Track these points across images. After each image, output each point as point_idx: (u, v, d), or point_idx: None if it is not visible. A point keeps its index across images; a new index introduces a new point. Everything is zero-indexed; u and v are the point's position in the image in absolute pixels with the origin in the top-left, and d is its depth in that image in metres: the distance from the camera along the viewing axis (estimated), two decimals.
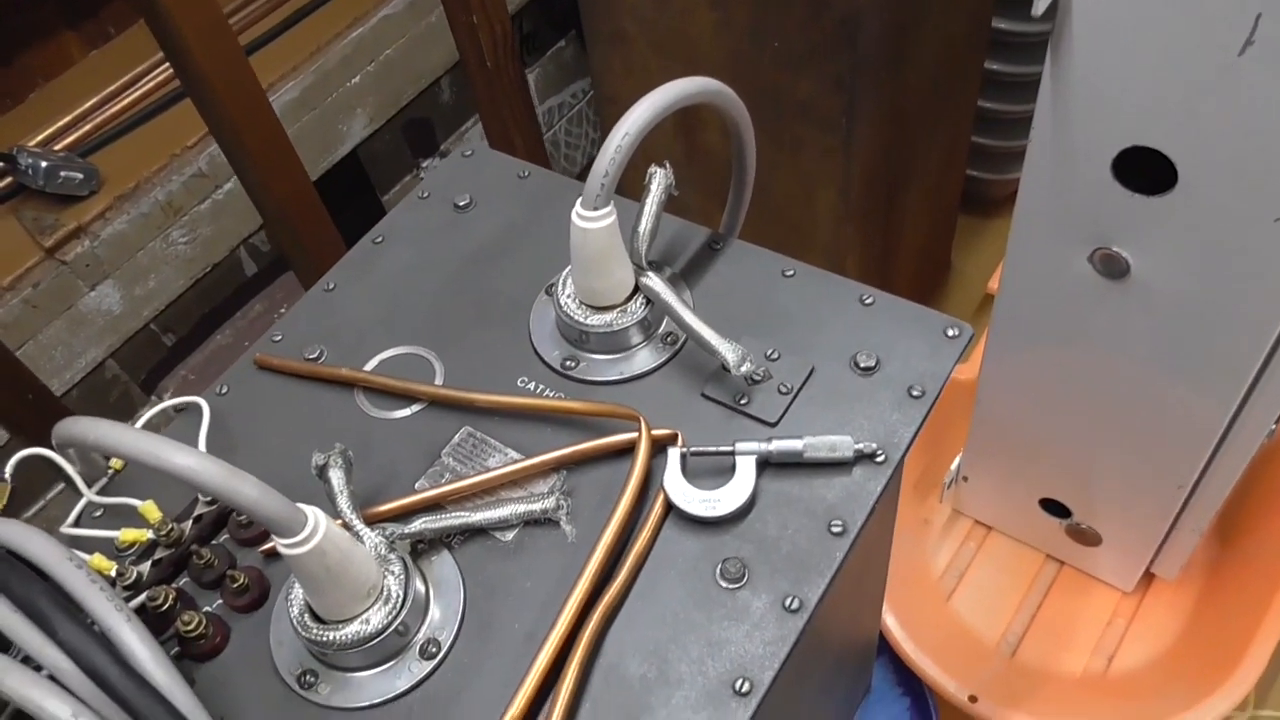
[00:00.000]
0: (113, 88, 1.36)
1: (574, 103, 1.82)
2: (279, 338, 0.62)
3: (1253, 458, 0.80)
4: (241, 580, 0.50)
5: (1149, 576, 1.00)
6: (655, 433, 0.53)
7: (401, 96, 1.52)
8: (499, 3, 1.11)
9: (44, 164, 1.19)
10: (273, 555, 0.52)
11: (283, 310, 1.44)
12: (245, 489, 0.41)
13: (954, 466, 1.05)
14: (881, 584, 0.84)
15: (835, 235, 1.09)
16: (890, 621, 0.95)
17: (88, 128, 1.32)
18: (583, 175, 0.61)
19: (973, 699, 0.87)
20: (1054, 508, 0.97)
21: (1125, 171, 0.66)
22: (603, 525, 0.50)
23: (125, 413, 1.36)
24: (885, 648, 0.96)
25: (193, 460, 0.40)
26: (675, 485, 0.51)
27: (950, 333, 0.57)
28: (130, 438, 0.41)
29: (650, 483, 0.52)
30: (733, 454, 0.52)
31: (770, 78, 1.01)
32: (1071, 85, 0.63)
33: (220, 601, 0.51)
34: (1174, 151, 0.62)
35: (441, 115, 1.65)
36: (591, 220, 0.53)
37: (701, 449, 0.52)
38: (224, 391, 0.60)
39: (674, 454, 0.52)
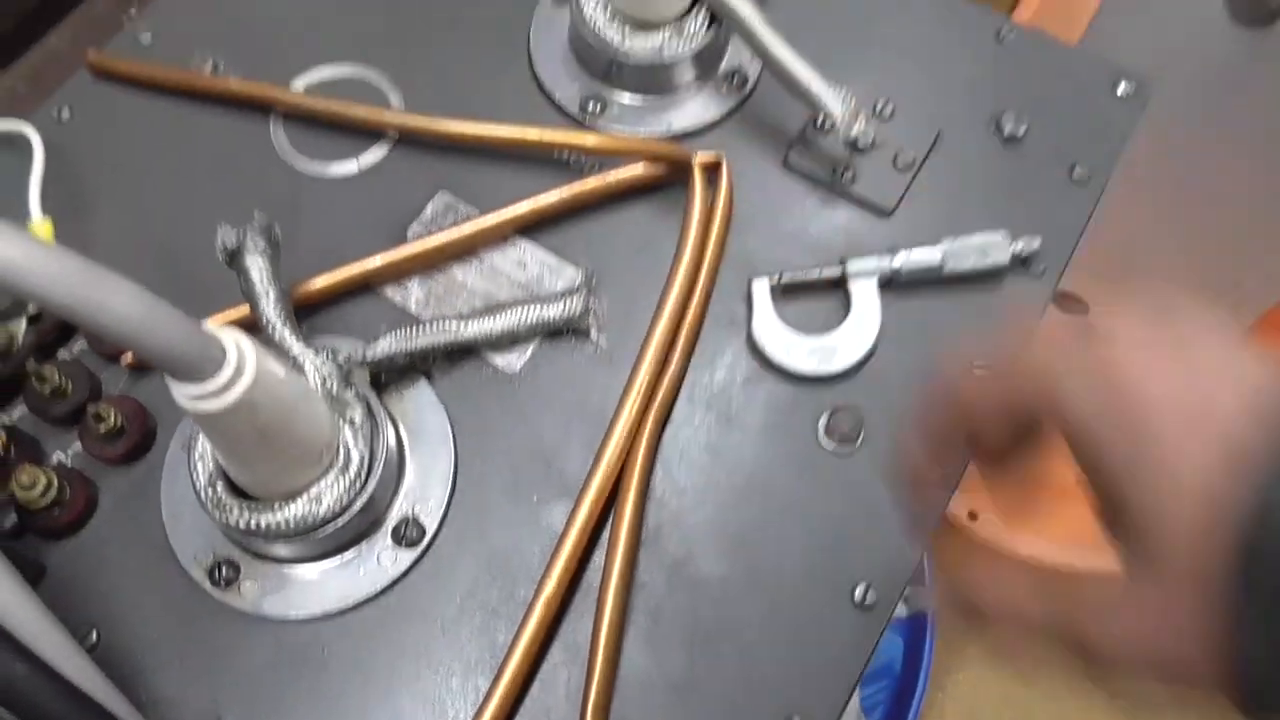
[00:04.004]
0: None
1: None
2: (147, 38, 0.41)
3: None
4: (112, 418, 0.33)
5: None
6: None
7: None
8: None
9: None
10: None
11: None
12: (113, 302, 0.23)
13: None
14: None
15: None
16: None
17: None
18: None
19: (972, 516, 0.78)
20: None
21: None
22: (648, 326, 0.34)
23: None
24: None
25: (16, 248, 0.22)
26: (769, 330, 0.35)
27: (1121, 89, 0.41)
28: None
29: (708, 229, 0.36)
30: (843, 279, 0.36)
31: None
32: None
33: (79, 448, 0.34)
34: None
35: None
36: None
37: (799, 278, 0.36)
38: (64, 116, 0.40)
39: (760, 287, 0.36)
